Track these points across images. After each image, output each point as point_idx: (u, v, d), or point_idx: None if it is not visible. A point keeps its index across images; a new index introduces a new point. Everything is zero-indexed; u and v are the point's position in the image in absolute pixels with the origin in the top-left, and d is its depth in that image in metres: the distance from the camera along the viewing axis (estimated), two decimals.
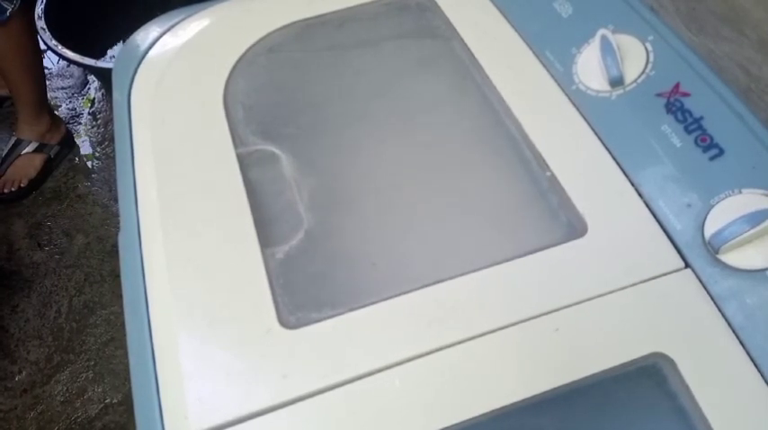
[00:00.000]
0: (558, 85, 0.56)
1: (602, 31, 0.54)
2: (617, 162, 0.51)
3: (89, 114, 1.66)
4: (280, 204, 0.52)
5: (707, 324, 0.43)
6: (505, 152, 0.54)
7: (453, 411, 0.41)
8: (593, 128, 0.53)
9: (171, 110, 0.58)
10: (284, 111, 0.60)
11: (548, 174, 0.51)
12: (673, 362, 0.42)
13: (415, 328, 0.44)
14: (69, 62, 1.44)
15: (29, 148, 1.49)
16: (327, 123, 0.59)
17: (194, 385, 0.43)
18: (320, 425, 0.41)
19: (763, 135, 0.47)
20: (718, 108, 0.49)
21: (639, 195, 0.49)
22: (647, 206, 0.48)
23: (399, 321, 0.44)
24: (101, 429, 1.14)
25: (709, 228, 0.45)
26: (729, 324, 0.43)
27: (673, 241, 0.46)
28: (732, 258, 0.44)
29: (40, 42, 1.41)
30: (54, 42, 1.39)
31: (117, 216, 1.39)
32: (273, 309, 0.45)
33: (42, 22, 1.42)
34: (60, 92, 1.71)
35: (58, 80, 1.74)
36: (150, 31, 0.65)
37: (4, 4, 1.26)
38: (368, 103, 0.60)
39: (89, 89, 1.71)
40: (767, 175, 0.46)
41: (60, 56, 1.40)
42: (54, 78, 1.74)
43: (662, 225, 0.47)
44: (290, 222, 0.51)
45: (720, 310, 0.43)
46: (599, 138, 0.52)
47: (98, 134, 1.61)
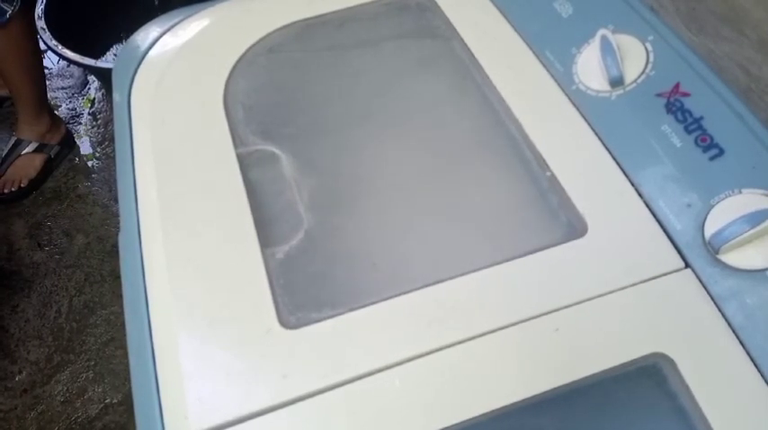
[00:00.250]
0: (558, 84, 0.56)
1: (602, 31, 0.54)
2: (617, 162, 0.51)
3: (89, 114, 1.66)
4: (280, 204, 0.52)
5: (707, 324, 0.43)
6: (505, 152, 0.54)
7: (453, 411, 0.41)
8: (593, 128, 0.53)
9: (171, 110, 0.58)
10: (284, 111, 0.60)
11: (548, 174, 0.51)
12: (673, 362, 0.42)
13: (415, 328, 0.44)
14: (69, 62, 1.44)
15: (29, 148, 1.49)
16: (327, 123, 0.59)
17: (194, 385, 0.43)
18: (320, 425, 0.41)
19: (763, 135, 0.47)
20: (718, 108, 0.49)
21: (639, 195, 0.49)
22: (647, 206, 0.48)
23: (399, 321, 0.44)
24: (101, 429, 1.14)
25: (710, 228, 0.45)
26: (729, 324, 0.43)
27: (673, 241, 0.46)
28: (732, 258, 0.44)
29: (40, 42, 1.41)
30: (54, 42, 1.39)
31: (117, 216, 1.39)
32: (273, 309, 0.45)
33: (42, 22, 1.42)
34: (60, 92, 1.71)
35: (58, 80, 1.74)
36: (150, 31, 0.65)
37: (3, 5, 1.26)
38: (368, 103, 0.60)
39: (89, 89, 1.71)
40: (767, 175, 0.46)
41: (60, 56, 1.40)
42: (54, 78, 1.74)
43: (662, 225, 0.47)
44: (290, 222, 0.51)
45: (720, 310, 0.43)
46: (599, 139, 0.52)
47: (98, 134, 1.61)
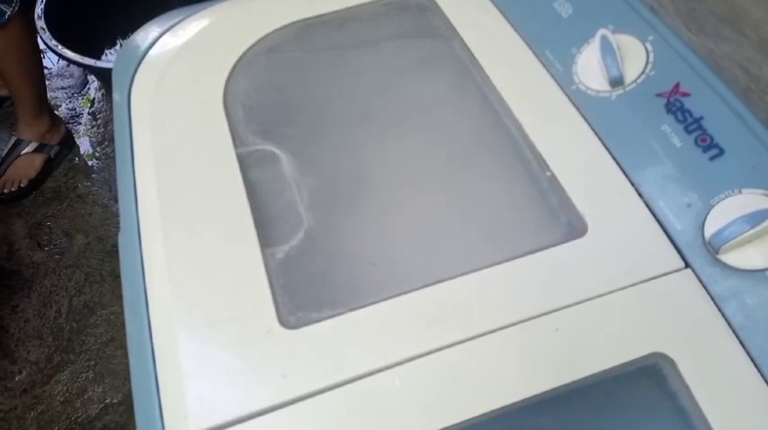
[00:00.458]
0: (558, 84, 0.56)
1: (602, 31, 0.54)
2: (617, 162, 0.51)
3: (89, 114, 1.66)
4: (280, 204, 0.52)
5: (707, 324, 0.43)
6: (505, 152, 0.54)
7: (453, 411, 0.41)
8: (593, 128, 0.53)
9: (171, 110, 0.58)
10: (284, 111, 0.60)
11: (548, 174, 0.51)
12: (673, 362, 0.42)
13: (415, 328, 0.44)
14: (69, 62, 1.44)
15: (29, 148, 1.49)
16: (327, 123, 0.59)
17: (194, 385, 0.43)
18: (320, 425, 0.41)
19: (763, 135, 0.47)
20: (718, 108, 0.49)
21: (639, 195, 0.49)
22: (647, 206, 0.48)
23: (399, 321, 0.44)
24: (101, 429, 1.14)
25: (710, 228, 0.45)
26: (729, 324, 0.43)
27: (673, 241, 0.46)
28: (732, 258, 0.44)
29: (40, 42, 1.41)
30: (54, 42, 1.39)
31: (117, 216, 1.39)
32: (273, 308, 0.45)
33: (42, 22, 1.42)
34: (60, 92, 1.71)
35: (58, 80, 1.74)
36: (150, 31, 0.65)
37: (2, 6, 1.26)
38: (368, 103, 0.60)
39: (89, 89, 1.71)
40: (767, 175, 0.46)
41: (60, 56, 1.40)
42: (54, 78, 1.74)
43: (662, 225, 0.47)
44: (290, 222, 0.51)
45: (720, 310, 0.43)
46: (599, 139, 0.52)
47: (98, 134, 1.61)
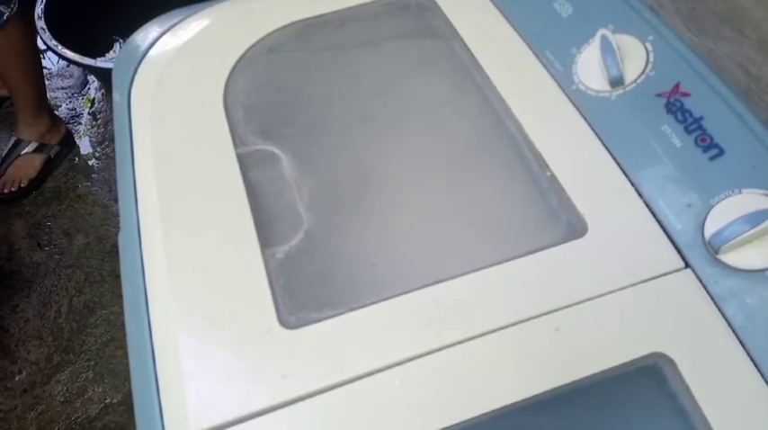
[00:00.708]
0: (558, 85, 0.56)
1: (602, 31, 0.54)
2: (617, 162, 0.51)
3: (89, 114, 1.66)
4: (280, 204, 0.52)
5: (707, 324, 0.43)
6: (505, 152, 0.54)
7: (453, 411, 0.41)
8: (593, 128, 0.53)
9: (171, 110, 0.58)
10: (284, 111, 0.60)
11: (548, 174, 0.51)
12: (673, 362, 0.42)
13: (415, 328, 0.44)
14: (69, 62, 1.44)
15: (29, 148, 1.49)
16: (327, 123, 0.59)
17: (194, 385, 0.43)
18: (320, 425, 0.41)
19: (763, 135, 0.47)
20: (718, 108, 0.49)
21: (639, 195, 0.49)
22: (647, 206, 0.48)
23: (399, 321, 0.44)
24: (101, 429, 1.14)
25: (710, 228, 0.45)
26: (729, 324, 0.43)
27: (673, 241, 0.46)
28: (732, 258, 0.44)
29: (40, 42, 1.41)
30: (54, 42, 1.39)
31: (117, 216, 1.39)
32: (273, 309, 0.45)
33: (42, 22, 1.42)
34: (60, 92, 1.71)
35: (58, 80, 1.74)
36: (150, 31, 0.65)
37: (1, 7, 1.26)
38: (368, 103, 0.60)
39: (89, 89, 1.71)
40: (767, 175, 0.46)
41: (60, 56, 1.40)
42: (54, 78, 1.74)
43: (662, 225, 0.47)
44: (290, 222, 0.51)
45: (720, 310, 0.43)
46: (599, 139, 0.52)
47: (98, 134, 1.61)
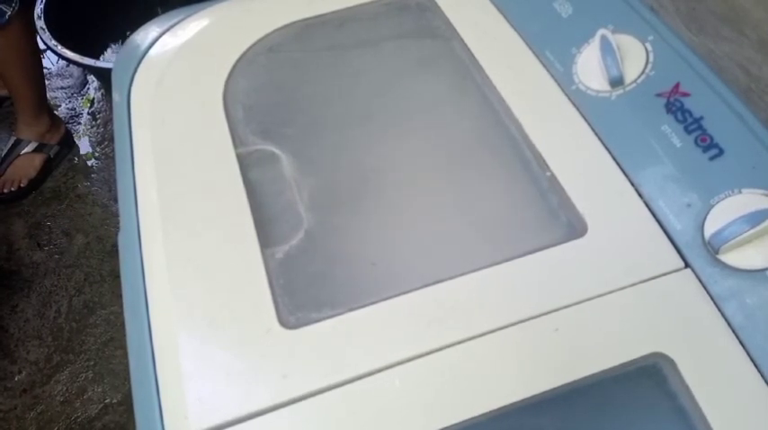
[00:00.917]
0: (558, 85, 0.56)
1: (602, 31, 0.54)
2: (617, 162, 0.51)
3: (89, 114, 1.66)
4: (280, 204, 0.52)
5: (707, 324, 0.43)
6: (505, 152, 0.54)
7: (453, 411, 0.41)
8: (593, 128, 0.53)
9: (171, 110, 0.58)
10: (284, 111, 0.60)
11: (548, 174, 0.51)
12: (673, 362, 0.42)
13: (415, 328, 0.44)
14: (69, 62, 1.44)
15: (28, 148, 1.49)
16: (327, 123, 0.59)
17: (194, 385, 0.43)
18: (320, 425, 0.41)
19: (763, 135, 0.47)
20: (718, 108, 0.49)
21: (639, 195, 0.49)
22: (647, 206, 0.48)
23: (399, 321, 0.44)
24: (101, 429, 1.14)
25: (709, 228, 0.45)
26: (729, 324, 0.43)
27: (673, 241, 0.46)
28: (732, 258, 0.44)
29: (40, 42, 1.41)
30: (54, 42, 1.39)
31: (117, 216, 1.39)
32: (273, 309, 0.45)
33: (42, 22, 1.42)
34: (60, 92, 1.71)
35: (58, 80, 1.74)
36: (150, 31, 0.65)
37: (2, 7, 1.26)
38: (368, 103, 0.60)
39: (89, 89, 1.71)
40: (767, 175, 0.46)
41: (60, 56, 1.39)
42: (54, 78, 1.74)
43: (662, 225, 0.47)
44: (290, 222, 0.51)
45: (720, 310, 0.43)
46: (599, 139, 0.52)
47: (98, 134, 1.61)
